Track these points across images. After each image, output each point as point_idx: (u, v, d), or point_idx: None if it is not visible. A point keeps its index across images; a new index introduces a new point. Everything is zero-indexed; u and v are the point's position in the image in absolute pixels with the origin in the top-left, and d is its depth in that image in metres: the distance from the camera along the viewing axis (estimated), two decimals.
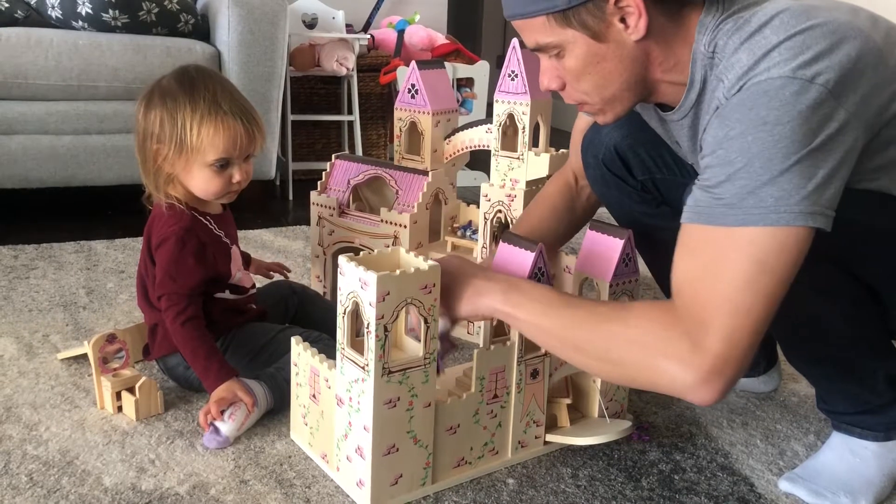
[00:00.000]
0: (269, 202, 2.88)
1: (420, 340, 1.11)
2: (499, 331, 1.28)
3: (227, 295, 1.43)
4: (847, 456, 1.21)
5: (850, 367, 1.16)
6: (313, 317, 1.57)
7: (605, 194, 1.40)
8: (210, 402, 1.29)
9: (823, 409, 1.24)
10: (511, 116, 1.57)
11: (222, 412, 1.28)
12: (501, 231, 1.61)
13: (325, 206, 1.76)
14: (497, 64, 1.60)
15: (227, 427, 1.27)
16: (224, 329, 1.42)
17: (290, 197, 2.91)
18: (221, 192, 1.38)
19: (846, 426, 1.21)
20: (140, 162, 1.38)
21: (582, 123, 1.42)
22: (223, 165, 1.35)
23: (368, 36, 3.22)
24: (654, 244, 1.37)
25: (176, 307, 1.33)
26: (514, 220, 1.59)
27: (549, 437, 1.28)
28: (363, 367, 1.09)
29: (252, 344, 1.42)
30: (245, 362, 1.40)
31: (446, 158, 1.75)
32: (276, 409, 1.35)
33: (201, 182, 1.35)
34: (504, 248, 1.22)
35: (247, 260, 1.62)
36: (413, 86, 1.73)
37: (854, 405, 1.19)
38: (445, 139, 1.74)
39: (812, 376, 1.24)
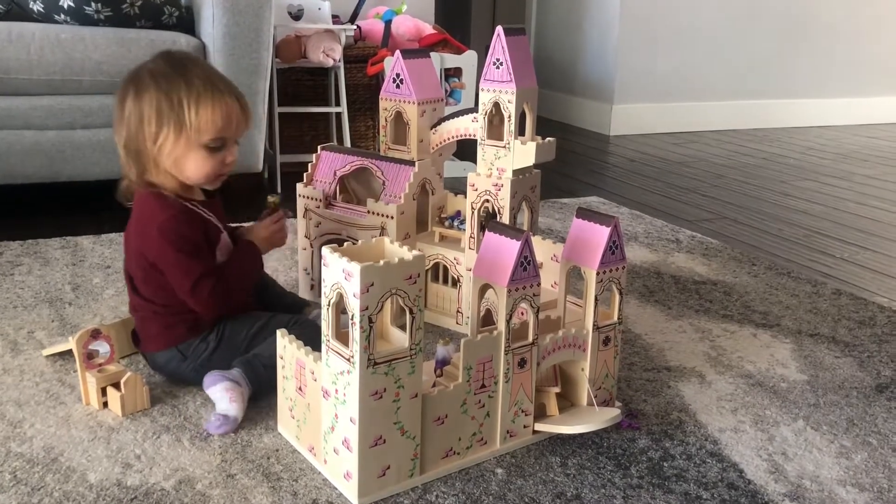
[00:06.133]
0: (257, 195, 2.86)
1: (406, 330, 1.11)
2: (486, 321, 1.27)
3: None
4: None
5: None
6: (270, 301, 1.57)
7: None
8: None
9: None
10: (497, 105, 1.56)
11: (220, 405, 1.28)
12: (488, 220, 1.60)
13: (312, 198, 1.75)
14: (485, 53, 1.58)
15: (233, 408, 1.28)
16: (217, 318, 1.41)
17: (279, 189, 2.89)
18: (214, 175, 1.38)
19: None
20: (129, 153, 1.36)
21: None
22: (217, 147, 1.36)
23: (355, 27, 3.20)
24: None
25: (208, 283, 1.34)
26: (500, 210, 1.58)
27: (538, 427, 1.27)
28: (348, 359, 1.08)
29: (247, 331, 1.41)
30: (240, 352, 1.39)
31: (433, 148, 1.74)
32: (257, 396, 1.34)
33: (196, 163, 1.35)
34: (490, 237, 1.22)
35: (234, 235, 1.58)
36: (398, 75, 1.72)
37: None
38: (431, 129, 1.73)
39: None
